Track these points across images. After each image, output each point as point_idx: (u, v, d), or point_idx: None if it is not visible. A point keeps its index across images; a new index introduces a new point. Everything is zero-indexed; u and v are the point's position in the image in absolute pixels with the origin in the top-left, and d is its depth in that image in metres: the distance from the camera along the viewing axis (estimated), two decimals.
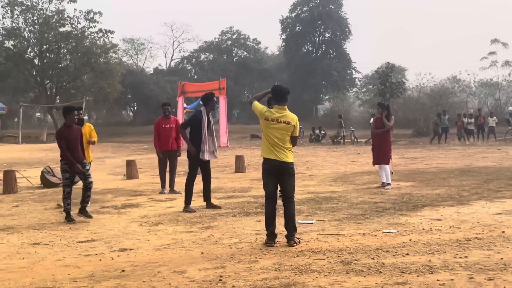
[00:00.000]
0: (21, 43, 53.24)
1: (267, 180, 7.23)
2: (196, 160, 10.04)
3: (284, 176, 7.15)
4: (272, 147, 7.11)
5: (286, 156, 7.13)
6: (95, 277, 5.77)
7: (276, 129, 7.10)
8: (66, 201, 9.30)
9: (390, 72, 42.45)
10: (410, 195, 11.01)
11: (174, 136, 12.47)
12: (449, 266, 5.72)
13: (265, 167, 7.22)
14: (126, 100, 73.40)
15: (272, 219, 7.14)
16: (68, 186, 9.38)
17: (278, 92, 7.30)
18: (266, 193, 7.28)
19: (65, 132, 9.39)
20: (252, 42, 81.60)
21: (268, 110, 7.22)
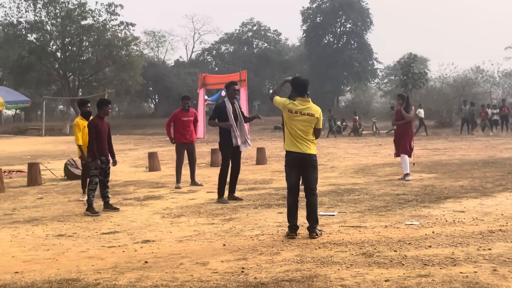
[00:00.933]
0: (44, 36, 53.82)
1: (289, 172, 7.21)
2: (228, 150, 10.06)
3: (306, 168, 7.13)
4: (295, 139, 7.08)
5: (309, 148, 7.10)
6: (118, 269, 5.83)
7: (300, 121, 7.07)
8: (92, 192, 9.40)
9: (412, 62, 42.06)
10: (432, 186, 10.93)
11: (192, 129, 12.46)
12: (473, 258, 5.67)
13: (288, 159, 7.19)
14: (148, 93, 73.85)
15: (294, 211, 7.14)
16: (96, 177, 9.47)
17: (299, 84, 7.26)
18: (288, 185, 7.26)
19: (97, 122, 9.53)
20: (272, 34, 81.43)
21: (292, 102, 7.18)
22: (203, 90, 31.67)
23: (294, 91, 7.33)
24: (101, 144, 9.51)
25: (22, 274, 5.74)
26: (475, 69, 55.00)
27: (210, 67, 76.51)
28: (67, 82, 55.09)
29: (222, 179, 10.09)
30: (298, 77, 7.52)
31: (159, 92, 73.25)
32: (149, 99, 79.51)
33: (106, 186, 9.69)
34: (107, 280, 5.37)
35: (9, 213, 9.78)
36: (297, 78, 7.43)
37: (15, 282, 5.43)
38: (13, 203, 10.93)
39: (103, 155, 9.56)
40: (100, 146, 9.48)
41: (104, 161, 9.59)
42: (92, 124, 9.55)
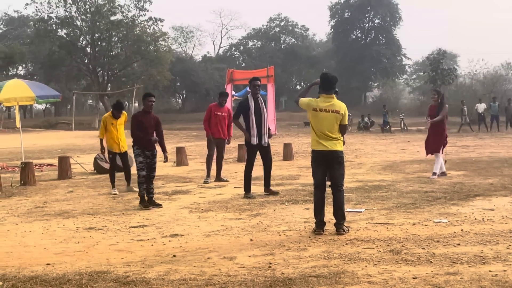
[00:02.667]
0: (74, 31, 54.45)
1: (315, 169, 7.22)
2: (252, 147, 10.11)
3: (333, 164, 7.12)
4: (320, 137, 7.07)
5: (334, 144, 7.08)
6: (147, 262, 5.91)
7: (324, 118, 7.05)
8: (142, 186, 9.49)
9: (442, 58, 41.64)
10: (461, 184, 10.83)
11: (226, 125, 12.49)
12: (502, 257, 5.62)
13: (314, 155, 7.21)
14: (175, 88, 74.28)
15: (320, 207, 7.15)
16: (142, 170, 9.53)
17: (325, 80, 7.22)
18: (314, 181, 7.27)
19: (140, 116, 9.63)
20: (300, 29, 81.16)
21: (315, 100, 7.16)
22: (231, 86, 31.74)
23: (321, 87, 7.28)
24: (144, 138, 9.54)
25: (53, 266, 5.86)
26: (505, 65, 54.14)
27: (237, 63, 76.63)
28: (97, 77, 55.69)
29: (247, 176, 10.13)
30: (326, 73, 7.48)
31: (186, 87, 73.65)
32: (177, 94, 79.97)
33: (151, 181, 9.65)
34: (136, 273, 5.45)
35: (40, 206, 9.96)
36: (324, 74, 7.38)
37: (47, 274, 5.54)
38: (44, 196, 11.13)
39: (148, 150, 9.59)
40: (143, 141, 9.52)
41: (149, 155, 9.61)
42: (134, 118, 9.66)
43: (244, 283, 5.00)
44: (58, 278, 5.37)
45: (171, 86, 68.85)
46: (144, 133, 9.53)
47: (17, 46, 55.04)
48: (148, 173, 9.60)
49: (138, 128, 9.53)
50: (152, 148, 9.65)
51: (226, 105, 12.69)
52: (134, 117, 9.68)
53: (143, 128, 9.55)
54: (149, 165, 9.61)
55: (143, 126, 9.55)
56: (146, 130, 9.57)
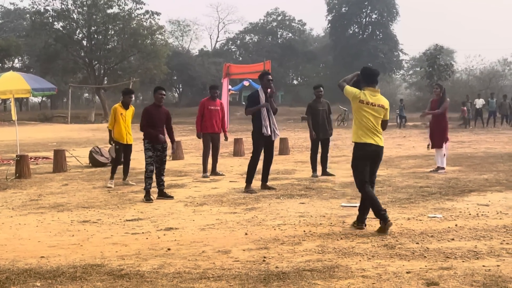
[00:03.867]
0: (70, 24, 54.35)
1: (363, 166, 6.88)
2: (260, 140, 10.08)
3: (377, 161, 6.95)
4: (369, 131, 6.82)
5: (380, 140, 6.91)
6: (141, 255, 5.90)
7: (372, 112, 6.84)
8: (148, 180, 9.48)
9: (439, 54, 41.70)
10: (457, 179, 10.85)
11: (219, 118, 12.47)
12: (496, 252, 5.64)
13: (362, 153, 6.87)
14: (172, 82, 74.17)
15: (377, 199, 6.86)
16: (151, 165, 9.55)
17: (370, 74, 7.03)
18: (361, 179, 6.90)
19: (152, 110, 9.63)
20: (297, 24, 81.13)
21: (363, 93, 6.89)
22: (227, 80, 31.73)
23: (363, 81, 7.03)
24: (155, 131, 9.54)
25: (47, 259, 5.85)
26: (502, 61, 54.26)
27: (234, 57, 76.58)
28: (93, 70, 55.60)
29: (252, 168, 10.08)
30: (369, 67, 7.34)
31: (183, 81, 73.58)
32: (173, 88, 79.86)
33: (162, 174, 9.68)
34: (130, 266, 5.45)
35: (35, 198, 9.94)
36: (366, 68, 7.22)
37: (41, 267, 5.53)
38: (39, 189, 11.11)
39: (159, 144, 9.61)
40: (153, 135, 9.51)
41: (160, 149, 9.62)
42: (145, 111, 9.66)
43: (239, 277, 5.00)
44: (52, 270, 5.37)
45: (168, 80, 68.76)
46: (155, 127, 9.55)
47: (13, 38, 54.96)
48: (159, 165, 9.65)
49: (148, 121, 9.53)
50: (163, 142, 9.67)
51: (218, 99, 12.63)
52: (146, 111, 9.67)
53: (154, 122, 9.56)
54: (159, 158, 9.64)
55: (154, 119, 9.57)
56: (156, 124, 9.59)
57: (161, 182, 9.68)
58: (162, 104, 9.83)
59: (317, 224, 7.23)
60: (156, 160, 9.61)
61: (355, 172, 7.00)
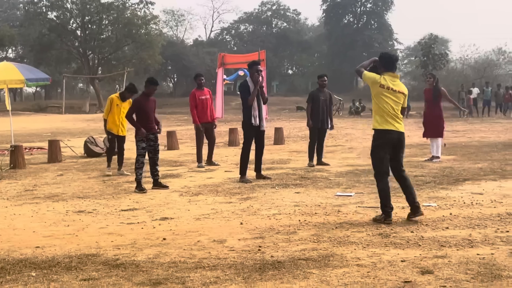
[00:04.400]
0: (64, 14, 54.03)
1: (384, 154, 6.72)
2: (250, 130, 10.08)
3: (400, 148, 6.82)
4: (390, 116, 6.69)
5: (401, 126, 6.77)
6: (137, 245, 5.91)
7: (392, 98, 6.71)
8: (139, 171, 9.49)
9: (433, 43, 41.69)
10: (451, 168, 10.88)
11: (209, 107, 12.44)
12: (490, 240, 5.67)
13: (383, 140, 6.72)
14: (166, 72, 73.91)
15: (389, 194, 6.76)
16: (143, 156, 9.56)
17: (389, 59, 6.91)
18: (381, 168, 6.76)
19: (143, 101, 9.60)
20: (292, 13, 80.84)
21: (383, 78, 6.73)
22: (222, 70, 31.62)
23: (382, 67, 6.87)
24: (147, 122, 9.55)
25: (42, 249, 5.85)
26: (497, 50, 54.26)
27: (229, 47, 76.28)
28: (87, 60, 55.35)
29: (244, 159, 10.11)
30: (387, 52, 7.26)
31: (177, 71, 73.28)
32: (168, 78, 79.58)
33: (156, 163, 9.69)
34: (126, 256, 5.46)
35: (30, 189, 9.93)
36: (385, 53, 7.11)
37: (36, 257, 5.53)
38: (34, 179, 11.09)
39: (152, 133, 9.60)
40: (146, 124, 9.52)
41: (153, 138, 9.63)
42: (136, 102, 9.64)
43: (234, 266, 5.02)
44: (47, 260, 5.37)
45: (162, 70, 68.50)
46: (146, 117, 9.54)
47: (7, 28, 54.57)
48: (153, 155, 9.66)
49: (140, 112, 9.52)
50: (155, 132, 9.68)
51: (206, 88, 12.54)
52: (137, 102, 9.64)
53: (146, 112, 9.56)
54: (153, 148, 9.65)
55: (145, 110, 9.56)
56: (148, 114, 9.60)
57: (156, 172, 9.68)
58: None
59: (312, 213, 7.25)
60: (149, 150, 9.61)
61: (375, 160, 6.84)
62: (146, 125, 9.51)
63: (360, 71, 6.94)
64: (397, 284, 4.41)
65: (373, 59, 7.15)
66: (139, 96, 9.83)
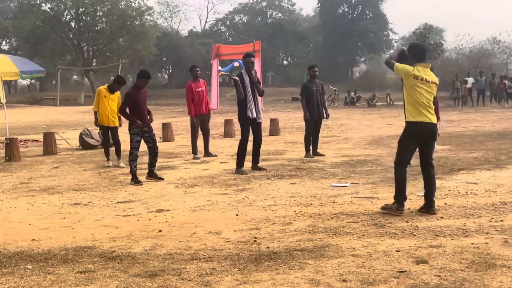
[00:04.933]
0: (58, 6, 53.72)
1: (411, 145, 6.71)
2: (246, 122, 10.09)
3: (431, 140, 6.79)
4: (424, 108, 6.58)
5: (434, 117, 6.68)
6: (133, 237, 5.92)
7: (426, 89, 6.60)
8: (133, 163, 9.48)
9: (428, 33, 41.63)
10: (446, 158, 10.92)
11: (205, 99, 12.46)
12: (484, 230, 5.70)
13: (415, 131, 6.65)
14: (161, 63, 73.73)
15: (405, 184, 6.79)
16: (137, 149, 9.55)
17: (420, 49, 6.82)
18: (403, 158, 6.77)
19: (135, 93, 9.55)
20: (287, 4, 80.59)
21: (416, 69, 6.59)
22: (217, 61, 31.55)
23: (412, 57, 6.73)
24: (140, 114, 9.51)
25: (39, 242, 5.86)
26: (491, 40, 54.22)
27: (224, 38, 76.04)
28: (81, 52, 55.12)
29: (241, 151, 10.13)
30: (415, 42, 7.20)
31: (172, 63, 73.11)
32: (163, 70, 79.39)
33: (155, 154, 9.69)
34: (122, 248, 5.47)
35: (25, 181, 9.92)
36: (415, 44, 7.05)
37: (32, 249, 5.54)
38: (29, 172, 11.08)
39: (145, 125, 9.57)
40: (139, 116, 9.49)
41: (148, 130, 9.61)
42: (128, 95, 9.58)
43: (230, 257, 5.03)
44: (44, 253, 5.38)
45: (157, 62, 68.35)
46: (139, 110, 9.50)
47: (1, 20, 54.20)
48: (152, 145, 9.64)
49: (133, 105, 9.48)
50: (148, 123, 9.67)
51: (201, 80, 12.54)
52: (129, 95, 9.56)
53: (139, 105, 9.52)
54: (150, 137, 9.62)
55: (138, 102, 9.52)
56: (141, 106, 9.56)
57: (154, 162, 9.68)
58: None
59: (308, 204, 7.27)
60: (147, 140, 9.59)
61: (401, 150, 6.79)
62: (140, 117, 9.49)
63: (391, 63, 6.80)
64: (392, 274, 4.44)
65: (400, 49, 7.08)
66: (131, 89, 9.70)
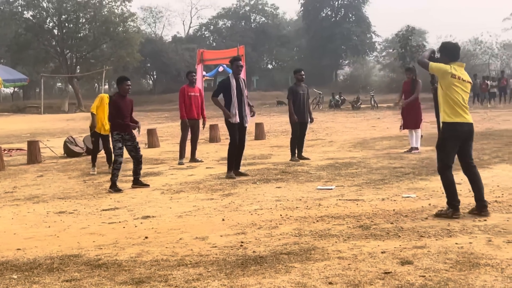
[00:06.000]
0: (40, 13, 53.45)
1: (451, 147, 6.47)
2: (233, 126, 10.10)
3: (470, 140, 6.56)
4: (461, 108, 6.41)
5: (470, 117, 6.52)
6: (119, 244, 5.91)
7: (462, 88, 6.43)
8: (116, 172, 9.39)
9: (410, 35, 41.92)
10: (430, 159, 10.99)
11: (199, 105, 12.49)
12: (468, 229, 5.75)
13: (455, 133, 6.42)
14: (146, 69, 73.57)
15: (455, 188, 6.53)
16: (120, 156, 9.49)
17: (454, 48, 6.64)
18: (447, 162, 6.51)
19: (118, 101, 9.49)
20: (270, 8, 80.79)
21: (453, 67, 6.42)
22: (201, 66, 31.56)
23: (446, 56, 6.56)
24: (122, 121, 9.45)
25: (24, 251, 5.82)
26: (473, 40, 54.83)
27: (208, 43, 76.07)
28: (65, 60, 54.84)
29: (231, 155, 10.12)
30: (448, 42, 7.09)
31: (157, 69, 72.99)
32: (147, 76, 79.21)
33: (139, 162, 9.62)
34: (108, 256, 5.45)
35: (9, 191, 9.85)
36: (448, 42, 6.90)
37: (17, 259, 5.51)
38: (14, 181, 11.01)
39: (127, 134, 9.50)
40: (122, 125, 9.43)
41: (129, 139, 9.52)
42: (111, 102, 9.57)
43: (216, 263, 5.04)
44: (29, 262, 5.35)
45: (141, 68, 68.19)
46: (122, 118, 9.45)
47: None
48: (135, 154, 9.58)
49: (116, 113, 9.44)
50: (131, 132, 9.60)
51: (196, 86, 12.65)
52: (113, 102, 9.54)
53: (122, 113, 9.45)
54: (133, 147, 9.55)
55: (122, 110, 9.45)
56: (124, 115, 9.48)
57: (138, 171, 9.65)
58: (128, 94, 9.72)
59: (294, 207, 7.29)
60: (130, 149, 9.55)
61: (442, 153, 6.56)
62: (121, 125, 9.44)
63: (426, 63, 6.58)
64: (378, 275, 4.47)
65: (431, 49, 6.99)
66: (115, 96, 9.70)
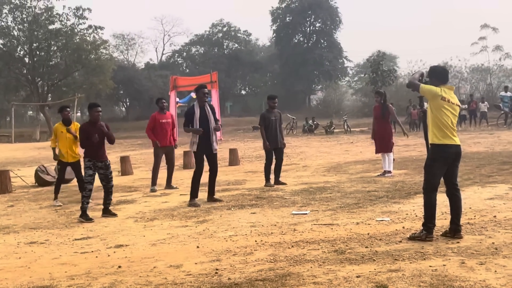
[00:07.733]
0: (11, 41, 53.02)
1: (439, 169, 6.55)
2: (200, 153, 10.08)
3: (457, 162, 6.64)
4: (449, 131, 6.48)
5: (458, 139, 6.59)
6: (92, 274, 5.81)
7: (451, 111, 6.50)
8: (86, 200, 9.23)
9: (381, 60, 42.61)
10: (403, 182, 11.09)
11: (170, 132, 12.45)
12: (442, 252, 5.80)
13: (443, 155, 6.51)
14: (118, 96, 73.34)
15: (435, 211, 6.64)
16: (90, 184, 9.33)
17: (442, 72, 6.74)
18: (433, 183, 6.62)
19: (87, 128, 9.37)
20: (243, 34, 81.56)
21: (443, 90, 6.50)
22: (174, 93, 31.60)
23: (435, 79, 6.64)
24: (94, 149, 9.30)
25: None
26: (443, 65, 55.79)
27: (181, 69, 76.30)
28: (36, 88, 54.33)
29: (195, 182, 10.10)
30: (437, 65, 7.18)
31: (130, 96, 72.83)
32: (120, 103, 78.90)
33: (110, 192, 9.48)
34: (80, 286, 5.36)
35: None
36: (437, 66, 6.98)
37: None
38: None
39: (100, 161, 9.37)
40: (93, 152, 9.31)
41: (102, 166, 9.38)
42: (81, 129, 9.46)
43: None
44: None
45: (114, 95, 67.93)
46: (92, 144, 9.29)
47: None
48: (106, 183, 9.44)
49: (86, 139, 9.32)
50: (104, 159, 9.45)
51: (168, 112, 12.64)
52: (82, 129, 9.44)
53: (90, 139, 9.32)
54: (104, 176, 9.41)
55: (90, 137, 9.30)
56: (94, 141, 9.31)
57: (108, 201, 9.53)
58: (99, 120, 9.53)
59: (269, 233, 7.27)
60: (101, 178, 9.42)
61: (429, 175, 6.63)
62: (93, 152, 9.34)
63: (416, 84, 6.65)
64: None
65: (421, 72, 7.06)
66: (85, 124, 9.58)
